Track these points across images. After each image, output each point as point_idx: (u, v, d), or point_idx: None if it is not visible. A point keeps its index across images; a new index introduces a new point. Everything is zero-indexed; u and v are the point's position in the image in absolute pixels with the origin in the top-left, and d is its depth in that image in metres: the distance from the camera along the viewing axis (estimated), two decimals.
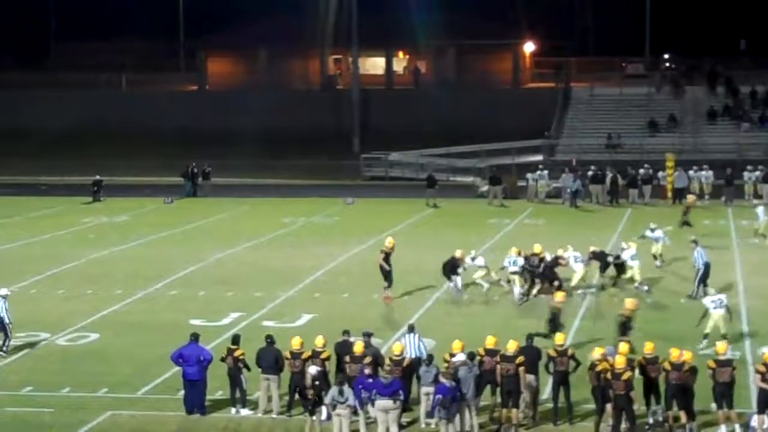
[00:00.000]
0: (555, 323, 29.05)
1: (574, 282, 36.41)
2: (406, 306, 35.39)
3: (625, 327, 28.24)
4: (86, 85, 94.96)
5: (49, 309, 35.50)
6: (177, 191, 63.19)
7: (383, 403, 22.77)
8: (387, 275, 35.83)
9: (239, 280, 39.40)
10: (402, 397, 23.10)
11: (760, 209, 46.27)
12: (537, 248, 36.37)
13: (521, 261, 36.05)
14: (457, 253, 36.30)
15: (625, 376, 22.60)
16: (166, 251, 45.90)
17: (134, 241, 48.28)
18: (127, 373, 28.15)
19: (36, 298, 37.20)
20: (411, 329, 26.01)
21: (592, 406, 23.54)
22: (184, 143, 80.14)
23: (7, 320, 30.21)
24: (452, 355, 24.01)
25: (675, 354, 23.33)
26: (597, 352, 23.56)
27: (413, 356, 24.89)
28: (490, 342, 24.33)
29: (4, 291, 30.85)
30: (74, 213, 57.69)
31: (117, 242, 47.75)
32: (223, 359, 25.23)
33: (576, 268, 36.47)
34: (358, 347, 24.50)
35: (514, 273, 36.05)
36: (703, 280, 35.34)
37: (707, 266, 35.59)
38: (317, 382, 23.41)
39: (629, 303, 29.24)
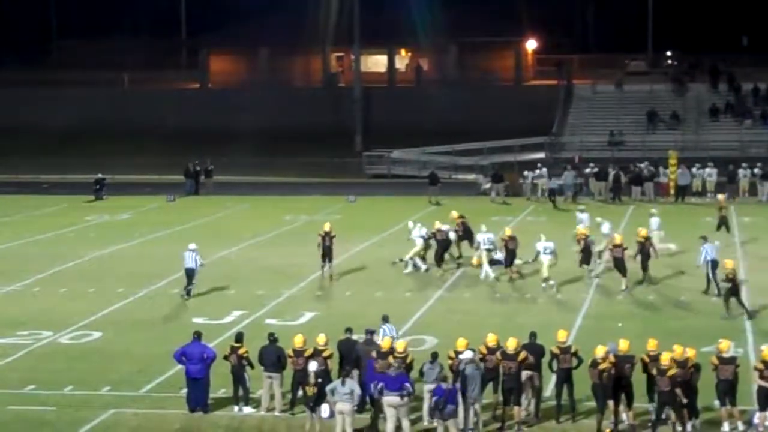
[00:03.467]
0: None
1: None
2: (409, 303, 35.39)
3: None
4: (88, 83, 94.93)
5: (51, 307, 35.51)
6: (179, 189, 63.18)
7: (391, 399, 22.84)
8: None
9: (241, 278, 39.40)
10: (409, 392, 23.14)
11: (653, 219, 43.31)
12: (508, 231, 38.73)
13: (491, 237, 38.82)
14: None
15: (670, 373, 22.71)
16: (168, 249, 45.82)
17: (136, 240, 48.29)
18: (129, 371, 28.15)
19: (38, 297, 37.22)
20: (385, 320, 26.53)
21: (593, 403, 23.51)
22: (185, 141, 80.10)
23: None
24: (457, 353, 24.00)
25: (679, 351, 23.34)
26: (600, 350, 23.54)
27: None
28: (491, 340, 24.33)
29: None
30: (76, 211, 57.70)
31: (119, 240, 47.75)
32: (226, 357, 25.22)
33: (543, 260, 37.04)
34: (386, 343, 24.53)
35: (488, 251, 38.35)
36: (713, 276, 35.40)
37: (714, 263, 35.48)
38: (320, 379, 23.41)
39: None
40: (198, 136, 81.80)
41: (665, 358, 23.00)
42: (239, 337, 25.62)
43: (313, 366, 23.65)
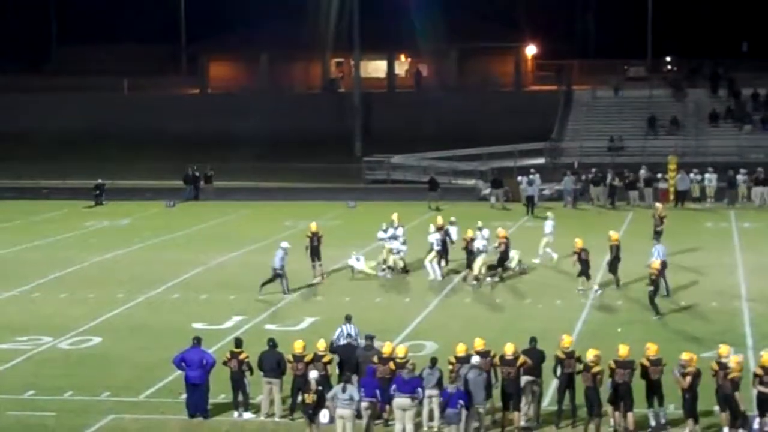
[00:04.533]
0: None
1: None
2: (408, 309, 35.40)
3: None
4: (88, 88, 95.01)
5: (51, 313, 35.50)
6: (179, 195, 63.18)
7: (401, 401, 22.95)
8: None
9: (241, 283, 39.38)
10: (420, 396, 23.29)
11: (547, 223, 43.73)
12: (502, 232, 39.41)
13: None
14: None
15: (731, 375, 22.83)
16: (168, 255, 45.90)
17: (136, 245, 48.29)
18: (129, 377, 28.15)
19: (38, 302, 37.23)
20: (348, 319, 26.92)
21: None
22: (185, 147, 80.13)
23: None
24: (457, 358, 24.02)
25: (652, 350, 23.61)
26: (591, 354, 23.60)
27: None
28: (478, 344, 24.48)
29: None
30: (76, 217, 57.70)
31: (119, 246, 47.75)
32: (225, 363, 25.19)
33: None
34: (388, 348, 24.58)
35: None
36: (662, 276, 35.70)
37: (664, 264, 35.77)
38: (320, 387, 23.41)
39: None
40: (198, 142, 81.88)
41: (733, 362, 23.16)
42: (239, 343, 25.60)
43: (313, 374, 23.63)
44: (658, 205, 44.91)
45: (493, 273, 38.80)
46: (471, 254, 38.35)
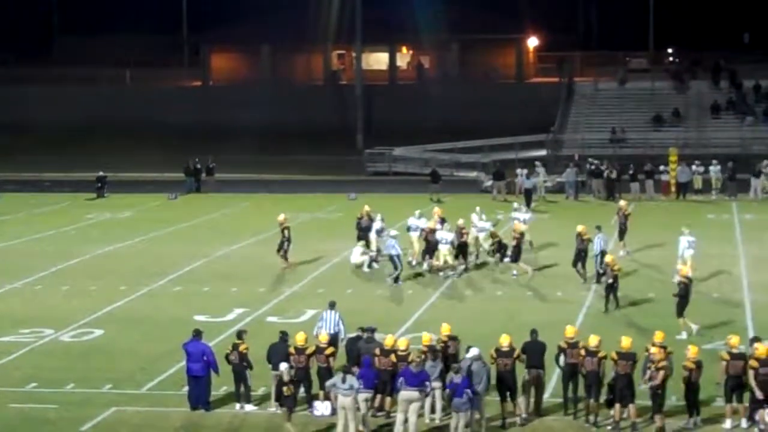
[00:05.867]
0: None
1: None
2: (411, 301, 35.42)
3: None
4: (90, 80, 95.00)
5: (53, 305, 35.53)
6: (180, 187, 63.17)
7: (408, 393, 22.97)
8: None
9: (243, 275, 39.41)
10: (429, 389, 23.37)
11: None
12: (519, 227, 39.55)
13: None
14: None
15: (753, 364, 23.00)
16: (170, 247, 45.93)
17: (138, 237, 48.30)
18: (131, 369, 28.16)
19: (40, 295, 37.25)
20: (332, 306, 27.07)
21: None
22: (187, 139, 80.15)
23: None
24: (497, 350, 24.17)
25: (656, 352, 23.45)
26: (594, 339, 23.88)
27: (331, 332, 26.06)
28: (445, 330, 25.29)
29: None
30: (78, 209, 57.72)
31: (121, 238, 47.75)
32: (227, 356, 25.19)
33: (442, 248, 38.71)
34: (389, 340, 24.60)
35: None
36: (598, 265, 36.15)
37: (602, 254, 36.10)
38: (295, 379, 23.50)
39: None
40: (199, 134, 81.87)
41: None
42: (240, 335, 25.62)
43: (283, 366, 23.65)
44: (623, 203, 44.10)
45: (462, 263, 39.14)
46: (430, 244, 39.16)
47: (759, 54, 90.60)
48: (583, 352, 23.84)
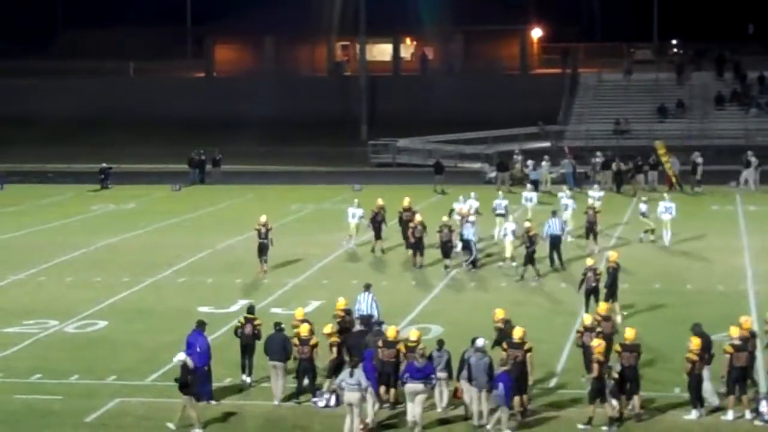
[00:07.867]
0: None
1: None
2: (414, 292, 35.43)
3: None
4: (93, 72, 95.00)
5: (57, 297, 35.57)
6: (184, 178, 63.19)
7: (413, 386, 23.00)
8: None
9: (247, 267, 39.38)
10: (434, 382, 23.35)
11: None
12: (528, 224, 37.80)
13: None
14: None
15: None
16: (174, 238, 45.95)
17: (142, 229, 48.32)
18: (135, 360, 28.21)
19: (44, 286, 37.28)
20: (367, 288, 28.03)
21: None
22: (191, 130, 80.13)
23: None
24: (585, 328, 24.95)
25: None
26: (587, 319, 25.17)
27: (366, 314, 26.77)
28: (500, 314, 25.66)
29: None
30: (82, 200, 57.76)
31: (125, 230, 47.78)
32: (237, 330, 25.97)
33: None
34: (391, 332, 24.64)
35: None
36: (550, 253, 37.26)
37: (553, 239, 37.10)
38: (190, 368, 23.51)
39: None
40: (203, 125, 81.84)
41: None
42: (252, 309, 26.49)
43: (181, 356, 23.75)
44: (593, 200, 43.98)
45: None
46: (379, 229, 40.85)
47: (763, 45, 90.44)
48: (618, 347, 23.65)
